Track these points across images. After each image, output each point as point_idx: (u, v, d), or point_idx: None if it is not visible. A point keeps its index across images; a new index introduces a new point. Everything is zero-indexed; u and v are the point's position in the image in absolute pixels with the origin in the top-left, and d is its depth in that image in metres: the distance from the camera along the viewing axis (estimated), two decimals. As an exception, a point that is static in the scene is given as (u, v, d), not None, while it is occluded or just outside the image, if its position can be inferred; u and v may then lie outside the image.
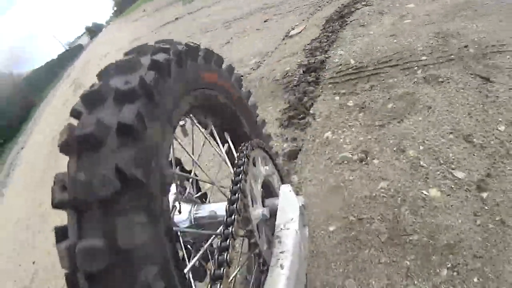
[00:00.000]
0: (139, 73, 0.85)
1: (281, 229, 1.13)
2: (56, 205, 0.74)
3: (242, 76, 3.23)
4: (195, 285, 1.27)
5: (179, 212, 1.32)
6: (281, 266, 1.02)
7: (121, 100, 0.79)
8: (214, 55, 1.28)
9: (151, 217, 0.75)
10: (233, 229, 0.95)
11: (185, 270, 0.92)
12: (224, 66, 1.38)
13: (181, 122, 1.31)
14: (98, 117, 0.75)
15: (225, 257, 0.89)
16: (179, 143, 1.16)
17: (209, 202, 1.45)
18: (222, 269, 0.88)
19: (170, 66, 0.94)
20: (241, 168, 1.14)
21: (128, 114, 0.76)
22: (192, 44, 1.13)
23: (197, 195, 1.44)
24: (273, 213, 1.21)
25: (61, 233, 0.74)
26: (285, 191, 1.26)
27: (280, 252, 1.06)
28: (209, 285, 0.87)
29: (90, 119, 0.76)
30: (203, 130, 1.35)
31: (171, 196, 1.30)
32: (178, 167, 1.52)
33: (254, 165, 1.33)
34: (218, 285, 0.85)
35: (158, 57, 0.91)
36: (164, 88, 0.90)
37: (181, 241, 1.35)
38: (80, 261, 0.68)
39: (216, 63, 1.29)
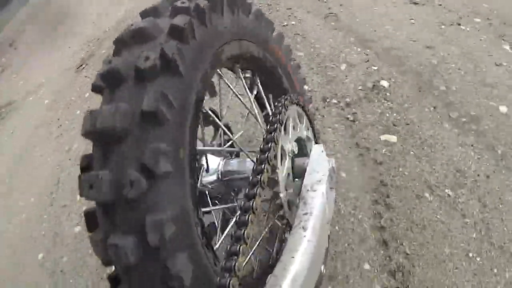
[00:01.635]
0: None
1: (307, 190, 1.08)
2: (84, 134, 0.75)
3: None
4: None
5: (207, 168, 1.32)
6: (304, 228, 0.99)
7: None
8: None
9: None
10: (261, 177, 0.92)
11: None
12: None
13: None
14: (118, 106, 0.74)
15: (251, 203, 0.88)
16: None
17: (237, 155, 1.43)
18: (247, 216, 0.86)
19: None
20: (277, 117, 1.09)
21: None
22: None
23: (226, 146, 1.43)
24: (301, 173, 1.17)
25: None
26: (317, 151, 1.20)
27: (304, 214, 1.02)
28: (232, 232, 0.86)
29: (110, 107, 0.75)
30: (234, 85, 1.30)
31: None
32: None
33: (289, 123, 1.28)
34: (243, 230, 0.84)
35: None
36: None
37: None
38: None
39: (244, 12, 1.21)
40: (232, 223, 1.26)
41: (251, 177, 0.94)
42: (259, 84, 1.40)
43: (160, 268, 0.70)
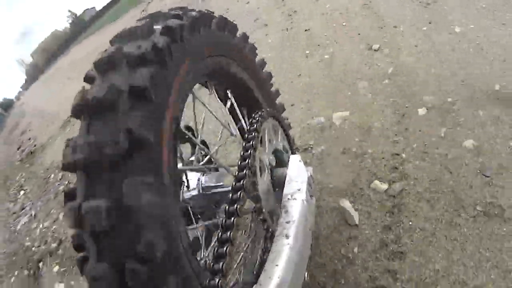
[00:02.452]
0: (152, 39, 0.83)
1: (288, 199, 1.11)
2: (66, 167, 0.74)
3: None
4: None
5: (187, 185, 1.33)
6: (286, 236, 1.01)
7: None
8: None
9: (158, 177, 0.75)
10: (240, 194, 0.94)
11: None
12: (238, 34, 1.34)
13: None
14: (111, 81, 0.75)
15: (232, 220, 0.89)
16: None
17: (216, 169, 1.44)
18: (229, 232, 0.88)
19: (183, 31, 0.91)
20: (253, 134, 1.12)
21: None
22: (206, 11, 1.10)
23: (204, 161, 1.44)
24: (281, 183, 1.20)
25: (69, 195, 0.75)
26: (294, 161, 1.24)
27: (286, 222, 1.04)
28: (214, 249, 0.87)
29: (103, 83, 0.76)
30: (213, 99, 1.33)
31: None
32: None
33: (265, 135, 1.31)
34: (224, 248, 0.86)
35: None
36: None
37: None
38: (86, 221, 0.69)
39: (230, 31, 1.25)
40: (214, 240, 1.27)
41: (230, 195, 0.96)
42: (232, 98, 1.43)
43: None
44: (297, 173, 1.18)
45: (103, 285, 0.67)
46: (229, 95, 1.40)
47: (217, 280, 0.80)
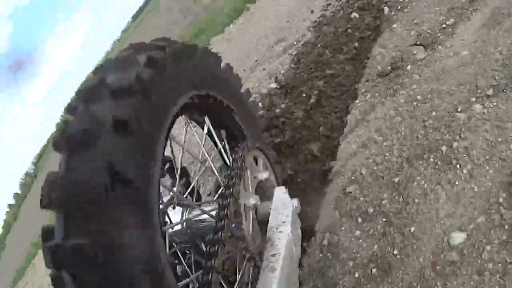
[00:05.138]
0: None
1: (273, 231, 1.12)
2: (45, 206, 0.74)
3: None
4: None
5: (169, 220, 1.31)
6: (272, 269, 1.01)
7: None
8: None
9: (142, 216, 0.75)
10: (222, 234, 0.95)
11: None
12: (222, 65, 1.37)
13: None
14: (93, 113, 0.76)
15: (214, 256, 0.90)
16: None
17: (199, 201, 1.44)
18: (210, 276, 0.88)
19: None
20: (235, 171, 1.13)
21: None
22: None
23: (187, 192, 1.44)
24: (266, 216, 1.21)
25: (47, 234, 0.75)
26: (279, 193, 1.26)
27: (272, 255, 1.05)
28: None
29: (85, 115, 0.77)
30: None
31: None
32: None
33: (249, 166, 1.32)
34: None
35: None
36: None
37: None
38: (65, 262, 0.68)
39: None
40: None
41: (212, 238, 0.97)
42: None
43: None
44: (282, 205, 1.20)
45: None
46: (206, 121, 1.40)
47: None
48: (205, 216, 1.32)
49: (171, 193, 1.45)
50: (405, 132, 1.59)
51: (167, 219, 1.32)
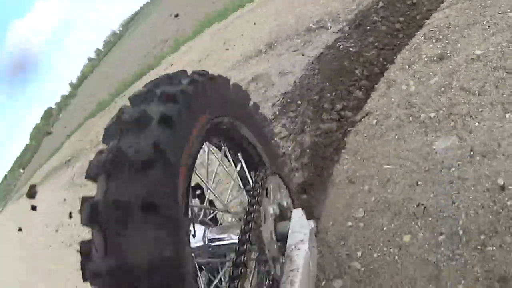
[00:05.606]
0: None
1: (292, 249, 1.20)
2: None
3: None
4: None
5: (193, 235, 1.40)
6: (291, 283, 1.09)
7: None
8: None
9: None
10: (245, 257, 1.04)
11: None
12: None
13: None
14: None
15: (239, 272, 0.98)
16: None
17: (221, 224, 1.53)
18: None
19: None
20: (256, 197, 1.24)
21: None
22: None
23: (211, 216, 1.53)
24: (284, 236, 1.29)
25: None
26: (297, 215, 1.35)
27: (291, 270, 1.13)
28: None
29: None
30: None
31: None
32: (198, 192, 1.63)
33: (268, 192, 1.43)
34: None
35: None
36: None
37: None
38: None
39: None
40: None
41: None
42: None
43: None
44: (300, 225, 1.29)
45: None
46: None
47: None
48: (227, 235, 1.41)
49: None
50: None
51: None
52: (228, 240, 1.46)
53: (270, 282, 1.23)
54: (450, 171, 1.75)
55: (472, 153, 1.74)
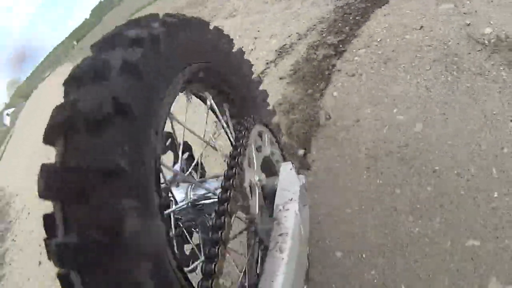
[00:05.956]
0: None
1: (280, 210, 1.06)
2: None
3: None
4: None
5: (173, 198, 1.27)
6: (280, 250, 0.96)
7: None
8: None
9: None
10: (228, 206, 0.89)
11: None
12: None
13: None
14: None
15: (219, 235, 0.84)
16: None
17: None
18: (217, 247, 0.83)
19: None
20: (240, 141, 1.07)
21: None
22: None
23: (191, 168, 1.39)
24: (272, 193, 1.15)
25: None
26: (286, 169, 1.19)
27: (279, 235, 0.99)
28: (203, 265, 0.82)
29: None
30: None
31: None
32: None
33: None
34: (213, 265, 0.81)
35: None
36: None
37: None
38: None
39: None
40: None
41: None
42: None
43: None
44: (288, 182, 1.14)
45: None
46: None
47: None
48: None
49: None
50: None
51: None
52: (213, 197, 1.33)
53: (260, 249, 1.11)
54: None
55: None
